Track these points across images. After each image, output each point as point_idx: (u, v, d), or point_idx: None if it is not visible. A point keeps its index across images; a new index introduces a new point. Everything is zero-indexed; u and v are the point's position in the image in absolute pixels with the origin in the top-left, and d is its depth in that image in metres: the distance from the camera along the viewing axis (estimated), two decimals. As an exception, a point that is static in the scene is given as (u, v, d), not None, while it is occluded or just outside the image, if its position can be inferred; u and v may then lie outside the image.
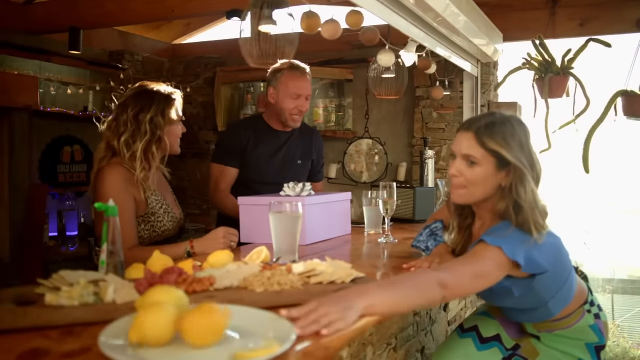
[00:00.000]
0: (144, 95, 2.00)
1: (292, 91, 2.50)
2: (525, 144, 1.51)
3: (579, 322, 1.66)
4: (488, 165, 1.50)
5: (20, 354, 0.86)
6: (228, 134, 2.70)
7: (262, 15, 1.86)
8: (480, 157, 1.50)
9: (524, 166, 1.48)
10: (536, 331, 1.72)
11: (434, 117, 3.93)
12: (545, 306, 1.59)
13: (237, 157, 2.56)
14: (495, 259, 1.39)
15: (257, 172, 2.57)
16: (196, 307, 0.91)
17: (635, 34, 3.31)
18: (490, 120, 1.53)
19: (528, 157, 1.50)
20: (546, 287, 1.53)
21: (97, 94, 4.40)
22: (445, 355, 1.83)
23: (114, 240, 1.33)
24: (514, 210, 1.48)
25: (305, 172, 2.73)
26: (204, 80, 4.70)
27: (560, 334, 1.68)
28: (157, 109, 1.98)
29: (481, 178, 1.51)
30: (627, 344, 3.70)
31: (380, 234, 2.26)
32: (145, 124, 1.94)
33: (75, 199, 4.18)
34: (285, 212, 1.63)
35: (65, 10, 3.76)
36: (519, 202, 1.47)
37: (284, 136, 2.64)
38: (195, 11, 3.83)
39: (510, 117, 1.56)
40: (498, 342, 1.78)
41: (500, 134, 1.49)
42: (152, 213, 1.99)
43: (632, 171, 4.87)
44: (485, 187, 1.52)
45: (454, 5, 2.45)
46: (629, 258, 5.19)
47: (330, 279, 1.28)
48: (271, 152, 2.60)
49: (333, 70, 4.16)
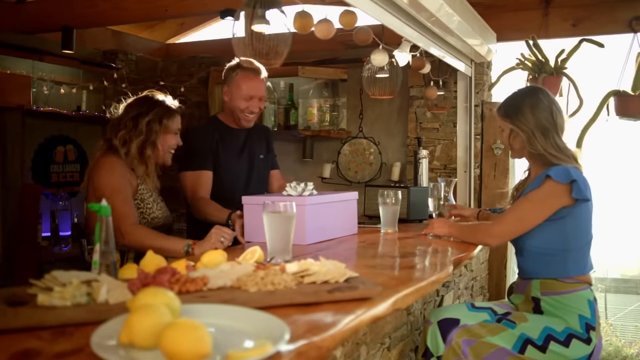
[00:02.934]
0: (148, 101, 2.18)
1: (245, 92, 2.47)
2: (528, 110, 1.98)
3: (580, 291, 1.87)
4: (507, 131, 2.06)
5: (12, 355, 0.85)
6: (194, 138, 2.50)
7: (256, 15, 1.86)
8: (502, 126, 2.09)
9: (521, 129, 1.98)
10: (540, 293, 1.90)
11: (428, 117, 3.93)
12: (566, 255, 1.89)
13: (210, 158, 2.48)
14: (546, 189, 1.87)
15: (229, 172, 2.54)
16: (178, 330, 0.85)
17: (627, 34, 3.33)
18: (503, 101, 2.10)
19: (530, 120, 1.97)
20: (578, 226, 1.90)
21: (91, 94, 4.39)
22: (439, 310, 1.97)
23: (107, 240, 1.32)
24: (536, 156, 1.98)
25: (268, 167, 2.73)
26: (198, 80, 4.69)
27: (560, 300, 1.87)
28: (156, 115, 2.14)
29: (507, 140, 2.07)
30: (619, 343, 3.72)
31: (396, 232, 2.36)
32: (142, 126, 2.11)
33: (69, 199, 4.16)
34: (279, 212, 1.63)
35: (58, 9, 3.74)
36: (534, 150, 1.96)
37: (243, 134, 2.62)
38: (189, 11, 3.82)
39: (520, 92, 2.10)
40: (489, 310, 1.93)
41: (504, 109, 2.06)
42: (141, 199, 2.13)
43: (624, 170, 4.90)
44: (513, 144, 2.05)
45: (447, 6, 2.46)
46: (622, 257, 5.22)
47: (324, 279, 1.28)
48: (238, 150, 2.59)
49: (327, 70, 4.16)
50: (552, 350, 1.78)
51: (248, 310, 1.03)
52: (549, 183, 1.86)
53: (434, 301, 2.52)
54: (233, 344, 0.92)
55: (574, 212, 1.88)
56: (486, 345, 1.78)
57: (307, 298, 1.17)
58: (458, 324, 1.83)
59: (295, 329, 0.97)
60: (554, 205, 1.87)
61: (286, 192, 2.15)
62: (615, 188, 5.45)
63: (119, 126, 2.12)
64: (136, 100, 2.19)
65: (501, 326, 1.83)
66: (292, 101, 4.34)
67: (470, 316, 1.87)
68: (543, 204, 1.88)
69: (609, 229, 5.57)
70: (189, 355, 0.81)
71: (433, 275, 1.53)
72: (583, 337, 1.82)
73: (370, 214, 2.75)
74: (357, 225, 2.42)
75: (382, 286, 1.27)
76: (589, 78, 3.47)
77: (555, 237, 1.89)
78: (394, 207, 2.35)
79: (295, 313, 1.08)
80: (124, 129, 2.10)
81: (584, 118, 3.16)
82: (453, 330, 1.83)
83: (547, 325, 1.82)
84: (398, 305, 1.27)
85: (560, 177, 1.84)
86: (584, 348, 1.81)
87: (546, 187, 1.87)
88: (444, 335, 1.84)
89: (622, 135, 3.93)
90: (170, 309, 0.94)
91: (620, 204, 5.69)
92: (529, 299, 1.96)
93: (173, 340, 0.82)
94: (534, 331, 1.81)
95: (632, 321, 4.31)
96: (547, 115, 1.97)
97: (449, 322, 1.85)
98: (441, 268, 1.65)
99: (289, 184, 2.17)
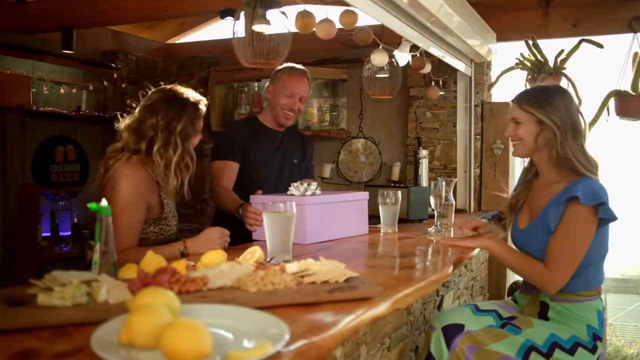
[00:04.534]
0: (176, 103, 1.93)
1: (288, 89, 2.57)
2: (562, 106, 1.82)
3: (592, 301, 1.83)
4: (530, 124, 1.86)
5: (12, 355, 0.85)
6: (228, 131, 2.72)
7: (256, 15, 1.86)
8: (523, 118, 1.87)
9: (555, 124, 1.80)
10: (549, 299, 1.86)
11: (428, 117, 3.93)
12: (587, 270, 1.80)
13: (239, 152, 2.56)
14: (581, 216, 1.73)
15: (257, 170, 2.58)
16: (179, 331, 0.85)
17: (627, 34, 3.33)
18: (530, 90, 1.94)
19: (565, 117, 1.81)
20: (599, 242, 1.80)
21: (91, 94, 4.39)
22: (443, 315, 1.93)
23: (107, 241, 1.32)
24: (562, 160, 1.81)
25: (300, 172, 2.75)
26: (198, 80, 4.69)
27: (569, 307, 1.83)
28: (187, 120, 1.92)
29: (526, 133, 1.87)
30: (619, 343, 3.72)
31: (396, 232, 2.37)
32: (176, 136, 1.88)
33: (69, 199, 4.16)
34: (279, 212, 1.63)
35: (58, 9, 3.75)
36: (562, 153, 1.80)
37: (279, 136, 2.69)
38: (189, 11, 3.82)
39: (550, 86, 1.94)
40: (494, 313, 1.90)
41: (534, 99, 1.86)
42: (164, 217, 1.97)
43: (624, 171, 4.91)
44: (531, 141, 1.87)
45: (447, 6, 2.46)
46: (622, 257, 5.22)
47: (324, 279, 1.28)
48: (270, 151, 2.65)
49: (327, 70, 4.17)
50: (557, 358, 1.75)
51: (248, 310, 1.03)
52: (580, 209, 1.72)
53: (434, 301, 2.52)
54: (233, 344, 0.92)
55: (598, 229, 1.77)
56: (490, 353, 1.75)
57: (307, 298, 1.17)
58: (462, 330, 1.80)
59: (295, 329, 0.97)
60: (593, 230, 1.75)
61: (290, 192, 2.15)
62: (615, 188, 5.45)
63: (145, 132, 1.87)
64: (161, 102, 1.91)
65: (505, 332, 1.79)
66: (292, 101, 4.34)
67: (474, 320, 1.84)
68: (588, 233, 1.74)
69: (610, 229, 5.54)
70: (189, 355, 0.81)
71: (433, 275, 1.53)
72: (589, 347, 1.78)
73: (370, 214, 2.74)
74: (367, 225, 2.40)
75: (382, 286, 1.27)
76: (589, 78, 3.47)
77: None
78: (394, 207, 2.35)
79: (295, 313, 1.08)
80: (157, 140, 1.86)
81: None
82: (457, 337, 1.79)
83: (552, 332, 1.78)
84: (398, 305, 1.28)
85: (588, 199, 1.71)
86: (589, 357, 1.78)
87: (581, 215, 1.73)
88: (447, 342, 1.81)
89: (622, 135, 3.93)
90: (170, 309, 0.94)
91: (620, 204, 5.68)
92: (536, 302, 1.91)
93: (173, 340, 0.82)
94: (539, 338, 1.77)
95: (632, 321, 4.31)
96: (579, 117, 1.84)
97: (453, 328, 1.82)
98: (441, 268, 1.65)
99: (293, 184, 2.17)
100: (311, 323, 1.03)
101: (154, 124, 1.88)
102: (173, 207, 2.06)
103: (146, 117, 1.89)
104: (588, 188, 1.73)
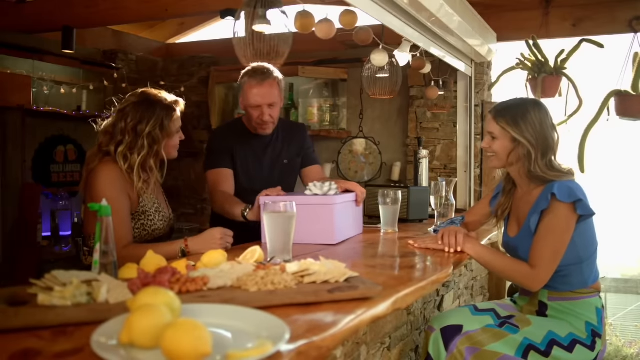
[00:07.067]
0: (145, 104, 1.94)
1: (251, 102, 2.37)
2: (537, 122, 1.84)
3: (590, 299, 1.86)
4: (504, 140, 1.88)
5: (12, 355, 0.85)
6: (215, 139, 2.61)
7: (256, 15, 1.86)
8: (498, 133, 1.89)
9: (529, 142, 1.83)
10: (547, 299, 1.88)
11: (428, 116, 3.93)
12: (580, 268, 1.84)
13: (229, 158, 2.49)
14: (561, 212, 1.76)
15: (245, 174, 2.52)
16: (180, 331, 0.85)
17: (627, 34, 3.33)
18: (507, 105, 1.93)
19: (539, 134, 1.83)
20: (586, 238, 1.84)
21: (91, 94, 4.39)
22: (442, 316, 1.93)
23: (107, 240, 1.32)
24: (534, 175, 1.85)
25: (294, 171, 2.66)
26: (198, 79, 4.69)
27: (568, 305, 1.86)
28: (156, 122, 1.93)
29: (501, 149, 1.90)
30: (619, 343, 3.72)
31: (396, 232, 2.35)
32: (143, 138, 1.90)
33: (69, 198, 4.17)
34: (280, 211, 1.63)
35: (58, 9, 3.74)
36: (533, 170, 1.83)
37: (266, 138, 2.56)
38: (189, 11, 3.82)
39: (526, 101, 1.94)
40: (492, 312, 1.91)
41: (510, 115, 1.87)
42: (143, 212, 1.97)
43: (624, 170, 4.91)
44: (504, 156, 1.90)
45: (447, 6, 2.46)
46: (622, 257, 5.23)
47: (324, 279, 1.28)
48: (258, 154, 2.55)
49: (327, 70, 4.17)
50: (555, 356, 1.76)
51: (248, 310, 1.03)
52: (558, 206, 1.77)
53: (434, 301, 2.52)
54: (233, 343, 0.92)
55: (581, 226, 1.82)
56: (489, 353, 1.76)
57: (307, 298, 1.16)
58: (461, 331, 1.81)
59: (296, 329, 0.97)
60: (573, 225, 1.79)
61: (310, 192, 2.12)
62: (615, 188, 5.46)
63: (115, 135, 1.91)
64: (132, 105, 1.94)
65: (504, 331, 1.80)
66: (292, 101, 4.34)
67: (473, 320, 1.84)
68: (568, 229, 1.78)
69: (609, 229, 5.57)
70: (190, 355, 0.81)
71: (433, 275, 1.53)
72: (587, 343, 1.80)
73: (370, 214, 2.75)
74: (362, 224, 2.41)
75: (382, 286, 1.27)
76: (589, 78, 3.47)
77: (568, 254, 1.81)
78: (394, 207, 2.35)
79: (295, 313, 1.08)
80: (123, 142, 1.90)
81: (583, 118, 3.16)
82: (456, 338, 1.80)
83: (550, 330, 1.80)
84: (398, 305, 1.27)
85: (565, 196, 1.76)
86: (588, 354, 1.79)
87: (560, 212, 1.77)
88: (446, 343, 1.81)
89: (623, 135, 3.93)
90: (171, 308, 0.94)
91: (620, 204, 5.69)
92: (534, 302, 1.93)
93: (173, 340, 0.82)
94: (537, 336, 1.78)
95: (632, 321, 4.31)
96: (552, 133, 1.87)
97: (452, 329, 1.82)
98: (441, 268, 1.65)
99: (312, 183, 2.14)
100: (311, 323, 1.03)
101: (122, 128, 1.91)
102: (157, 202, 2.04)
103: (118, 121, 1.93)
104: (564, 186, 1.79)
